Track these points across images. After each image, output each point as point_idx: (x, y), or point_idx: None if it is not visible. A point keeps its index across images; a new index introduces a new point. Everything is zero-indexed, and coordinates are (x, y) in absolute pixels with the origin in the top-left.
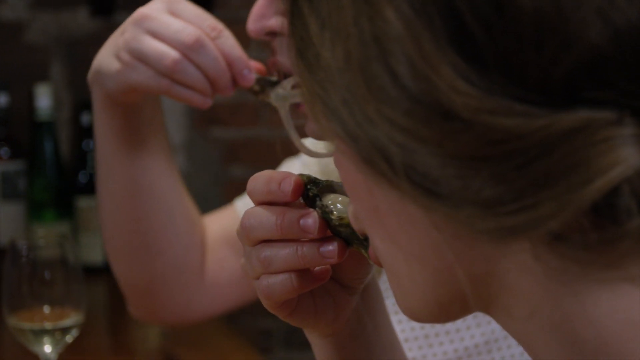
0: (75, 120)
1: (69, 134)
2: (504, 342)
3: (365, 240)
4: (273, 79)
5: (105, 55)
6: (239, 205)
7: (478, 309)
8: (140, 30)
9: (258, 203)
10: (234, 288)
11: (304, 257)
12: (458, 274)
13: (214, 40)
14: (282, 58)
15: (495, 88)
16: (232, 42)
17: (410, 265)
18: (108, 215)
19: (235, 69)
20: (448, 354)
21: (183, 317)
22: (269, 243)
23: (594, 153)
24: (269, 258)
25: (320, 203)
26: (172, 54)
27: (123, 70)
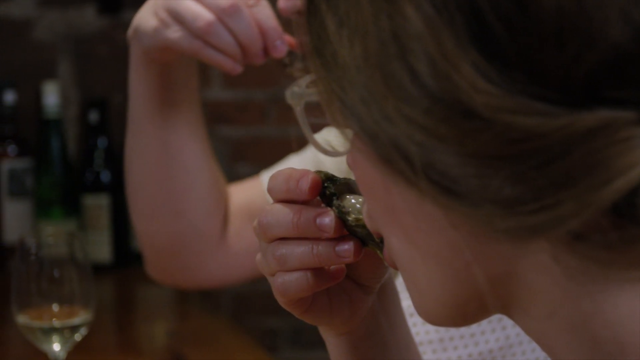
0: (83, 118)
1: (77, 132)
2: (519, 348)
3: (381, 242)
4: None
5: (145, 13)
6: (265, 178)
7: (496, 310)
8: None
9: (277, 200)
10: (250, 259)
11: (320, 255)
12: (476, 274)
13: (251, 8)
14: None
15: (516, 87)
16: (268, 12)
17: (427, 265)
18: (134, 172)
19: (269, 39)
20: (462, 359)
21: (197, 280)
22: (285, 241)
23: (615, 153)
24: (285, 256)
25: (337, 202)
26: (206, 16)
27: (159, 28)
